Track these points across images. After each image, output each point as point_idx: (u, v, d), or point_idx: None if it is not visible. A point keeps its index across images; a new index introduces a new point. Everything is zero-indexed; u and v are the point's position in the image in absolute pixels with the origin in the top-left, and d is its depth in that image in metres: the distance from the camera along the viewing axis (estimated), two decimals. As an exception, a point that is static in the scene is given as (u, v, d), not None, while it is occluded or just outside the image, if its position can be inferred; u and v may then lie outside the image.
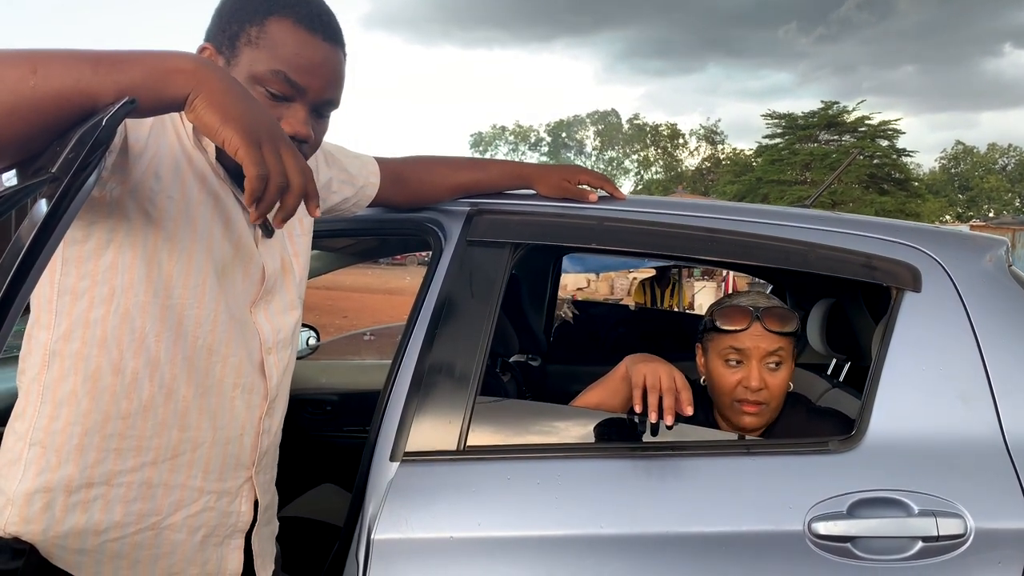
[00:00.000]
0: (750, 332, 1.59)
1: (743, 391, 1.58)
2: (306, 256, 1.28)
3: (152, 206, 1.03)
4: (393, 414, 1.45)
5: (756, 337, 1.58)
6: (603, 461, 1.40)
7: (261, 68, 1.04)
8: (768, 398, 1.58)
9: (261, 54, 1.05)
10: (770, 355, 1.58)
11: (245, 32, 1.06)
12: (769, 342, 1.58)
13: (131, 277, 1.03)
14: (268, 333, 1.19)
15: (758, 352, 1.58)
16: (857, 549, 1.28)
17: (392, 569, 1.30)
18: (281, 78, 1.05)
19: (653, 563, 1.30)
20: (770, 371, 1.59)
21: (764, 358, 1.58)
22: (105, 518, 1.06)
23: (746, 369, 1.58)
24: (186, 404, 1.09)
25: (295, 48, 1.06)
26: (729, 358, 1.60)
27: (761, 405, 1.58)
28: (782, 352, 1.59)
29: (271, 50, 1.05)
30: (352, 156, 1.47)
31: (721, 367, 1.61)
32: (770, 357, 1.58)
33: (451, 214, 1.61)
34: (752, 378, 1.57)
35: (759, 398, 1.57)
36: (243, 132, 0.85)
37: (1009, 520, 1.28)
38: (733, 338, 1.60)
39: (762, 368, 1.58)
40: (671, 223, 1.57)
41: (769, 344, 1.58)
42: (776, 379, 1.59)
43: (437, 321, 1.50)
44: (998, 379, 1.38)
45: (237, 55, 1.06)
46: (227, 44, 1.07)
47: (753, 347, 1.58)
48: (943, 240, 1.53)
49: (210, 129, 0.85)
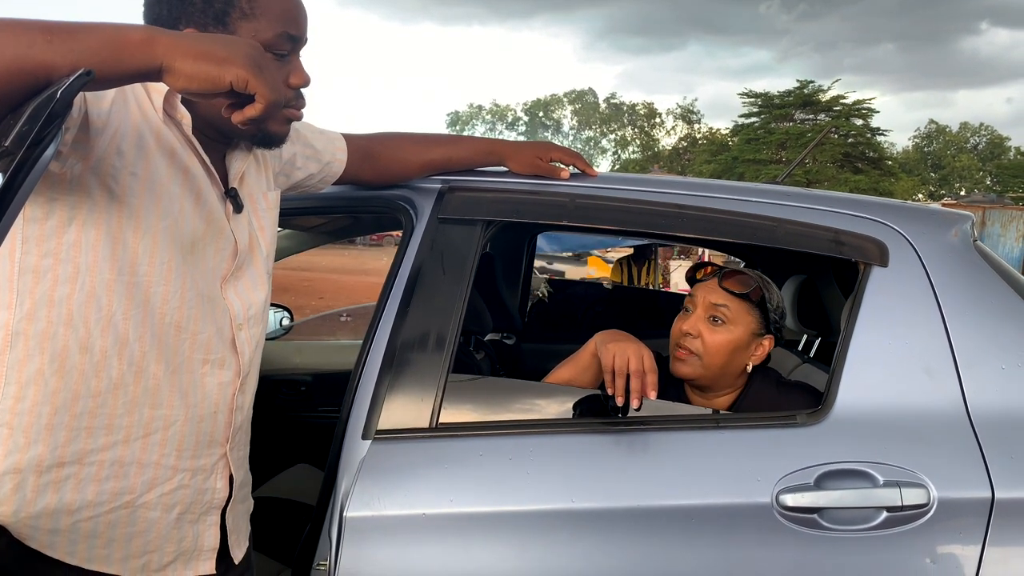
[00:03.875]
0: (705, 284, 1.67)
1: (679, 335, 1.65)
2: (272, 231, 1.27)
3: (115, 183, 1.02)
4: (365, 392, 1.44)
5: (708, 289, 1.66)
6: (575, 436, 1.41)
7: (268, 35, 1.07)
8: (699, 350, 1.62)
9: (262, 22, 1.07)
10: (714, 307, 1.63)
11: (235, 6, 1.06)
12: (717, 296, 1.64)
13: (96, 255, 1.02)
14: (239, 309, 1.18)
15: (704, 302, 1.64)
16: (824, 520, 1.30)
17: (365, 546, 1.31)
18: (285, 38, 1.09)
19: (625, 536, 1.31)
20: (711, 325, 1.63)
21: (708, 309, 1.64)
22: (78, 497, 1.05)
23: (691, 317, 1.65)
24: (156, 382, 1.09)
25: (285, 5, 1.09)
26: (685, 306, 1.68)
27: (692, 355, 1.63)
28: (726, 311, 1.63)
29: (269, 15, 1.07)
30: (318, 132, 1.46)
31: (678, 317, 1.69)
32: (714, 310, 1.63)
33: (422, 191, 1.60)
34: (687, 322, 1.64)
35: (690, 345, 1.63)
36: (244, 65, 0.86)
37: (971, 490, 1.31)
38: (694, 288, 1.69)
39: (704, 319, 1.64)
40: (642, 200, 1.58)
41: (716, 298, 1.63)
42: (713, 336, 1.62)
43: (409, 299, 1.49)
44: (962, 352, 1.40)
45: (233, 31, 1.06)
46: (214, 21, 1.06)
47: (701, 297, 1.65)
48: (910, 215, 1.55)
49: (209, 78, 0.85)
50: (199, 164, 1.12)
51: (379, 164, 1.55)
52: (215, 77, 0.85)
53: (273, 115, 0.92)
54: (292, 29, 1.09)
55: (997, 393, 1.38)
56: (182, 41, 0.86)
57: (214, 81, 0.86)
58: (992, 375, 1.39)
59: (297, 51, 1.13)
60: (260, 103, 0.89)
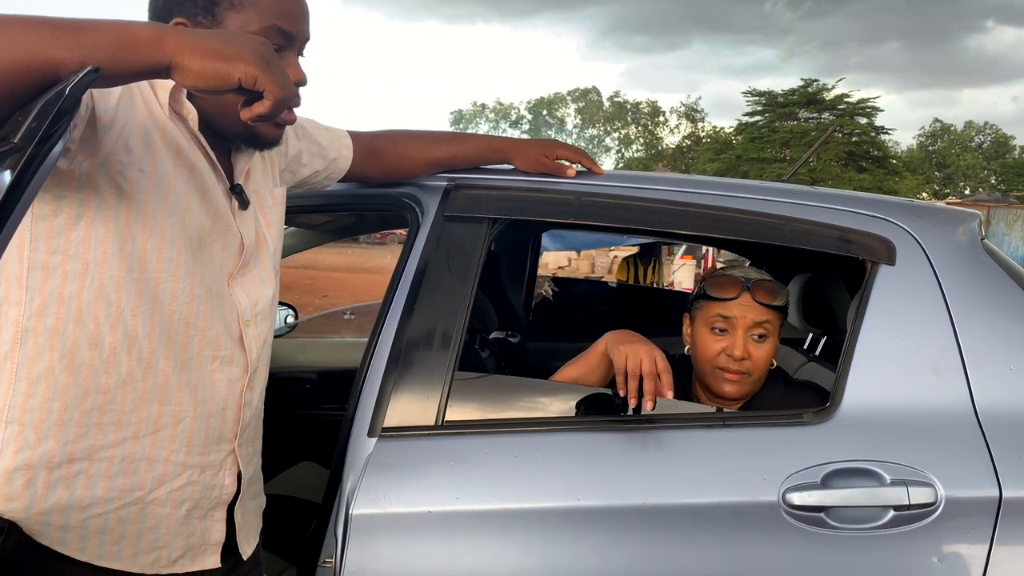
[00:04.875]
0: (739, 302, 1.59)
1: (726, 359, 1.59)
2: (278, 228, 1.27)
3: (123, 179, 1.02)
4: (371, 390, 1.44)
5: (744, 307, 1.59)
6: (580, 434, 1.41)
7: (255, 27, 1.06)
8: (750, 368, 1.59)
9: (249, 14, 1.06)
10: (756, 326, 1.59)
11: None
12: (757, 313, 1.59)
13: (104, 251, 1.02)
14: (246, 305, 1.18)
15: (744, 322, 1.59)
16: (830, 519, 1.30)
17: (370, 543, 1.31)
18: (275, 31, 1.08)
19: (630, 535, 1.31)
20: (755, 343, 1.60)
21: (750, 328, 1.59)
22: (88, 494, 1.05)
23: (731, 338, 1.59)
24: (166, 378, 1.09)
25: None
26: (715, 326, 1.61)
27: (742, 375, 1.59)
28: (768, 325, 1.60)
29: (259, 7, 1.07)
30: (324, 129, 1.46)
31: (707, 335, 1.62)
32: (756, 328, 1.59)
33: (428, 189, 1.60)
34: (736, 347, 1.58)
35: (741, 368, 1.58)
36: (253, 62, 0.87)
37: (978, 489, 1.30)
38: (722, 306, 1.60)
39: (747, 338, 1.59)
40: (649, 198, 1.57)
41: (757, 315, 1.59)
42: (760, 351, 1.60)
43: (415, 297, 1.49)
44: (970, 351, 1.39)
45: (221, 22, 1.06)
46: (203, 12, 1.06)
47: (740, 316, 1.59)
48: (917, 214, 1.54)
49: (218, 75, 0.86)
50: (205, 161, 1.12)
51: (384, 161, 1.55)
52: (224, 74, 0.86)
53: (281, 111, 0.92)
54: (284, 24, 1.08)
55: (1005, 392, 1.37)
56: (191, 38, 0.86)
57: (223, 78, 0.86)
58: (1000, 374, 1.38)
59: (293, 47, 1.11)
60: (268, 100, 0.89)
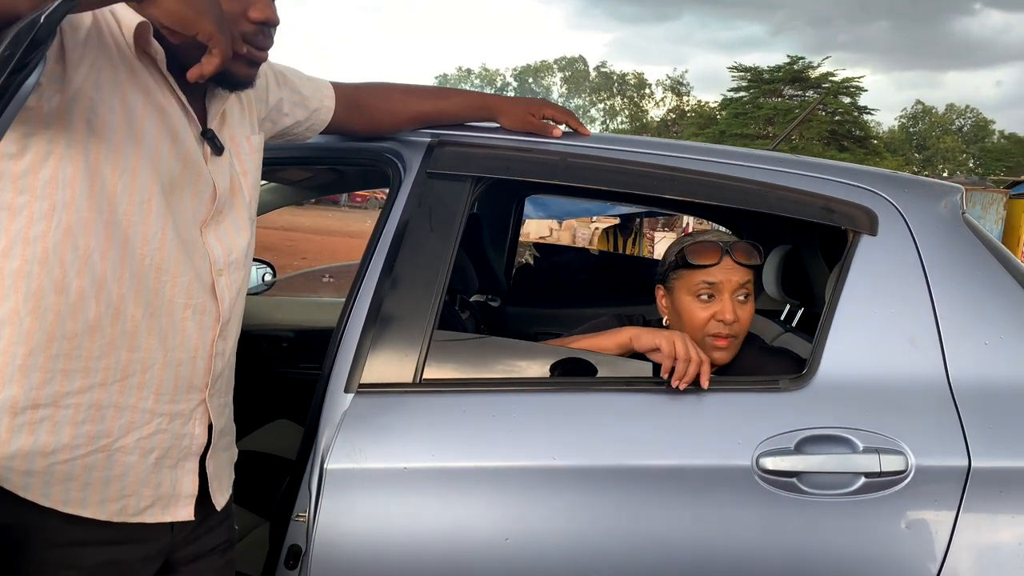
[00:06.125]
0: (721, 266, 1.59)
1: (716, 325, 1.59)
2: (255, 176, 1.25)
3: (94, 116, 0.99)
4: (349, 345, 1.43)
5: (727, 270, 1.59)
6: (558, 395, 1.41)
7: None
8: (739, 331, 1.61)
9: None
10: (740, 287, 1.60)
11: None
12: (740, 275, 1.60)
13: (73, 192, 0.99)
14: (219, 254, 1.16)
15: (730, 285, 1.59)
16: (802, 484, 1.31)
17: (345, 498, 1.30)
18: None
19: (605, 494, 1.32)
20: (740, 304, 1.61)
21: (735, 291, 1.60)
22: (53, 440, 1.03)
23: (719, 303, 1.59)
24: (135, 324, 1.06)
25: None
26: (701, 293, 1.61)
27: (732, 338, 1.60)
28: (750, 285, 1.62)
29: None
30: (306, 79, 1.43)
31: (693, 303, 1.62)
32: (740, 290, 1.60)
33: (411, 145, 1.58)
34: (726, 311, 1.58)
35: (732, 331, 1.59)
36: (215, 23, 0.95)
37: (948, 458, 1.32)
38: (705, 273, 1.60)
39: (734, 301, 1.60)
40: (635, 161, 1.56)
41: (740, 277, 1.60)
42: (745, 312, 1.61)
43: (395, 254, 1.47)
44: (946, 323, 1.41)
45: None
46: None
47: (725, 280, 1.59)
48: (901, 185, 1.54)
49: (187, 20, 0.92)
50: (176, 103, 1.09)
51: (367, 114, 1.52)
52: (191, 21, 0.93)
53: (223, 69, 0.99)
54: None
55: (979, 365, 1.39)
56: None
57: (190, 24, 0.93)
58: (975, 347, 1.40)
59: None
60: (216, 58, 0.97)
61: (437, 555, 1.30)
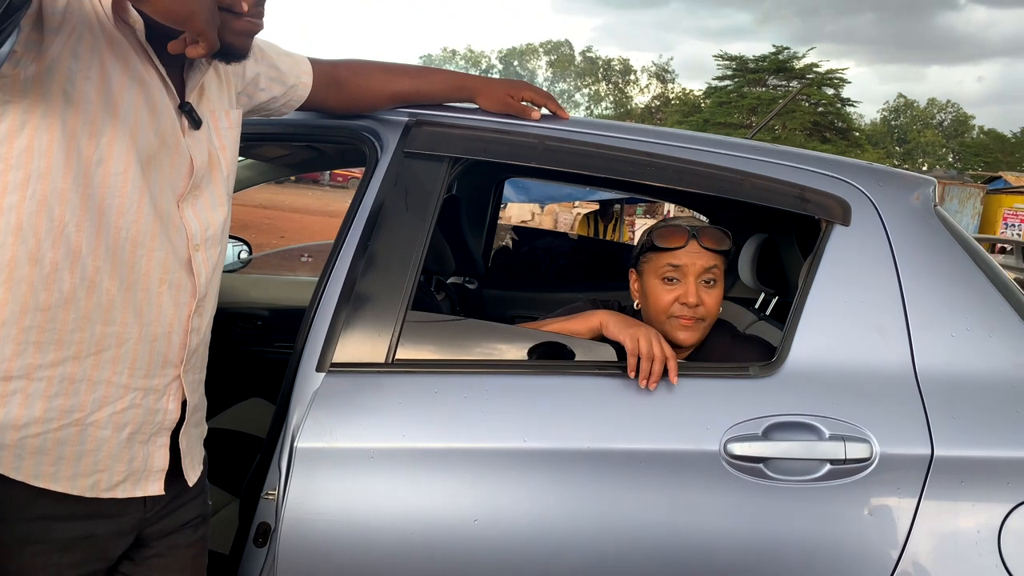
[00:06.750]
0: (687, 250, 1.61)
1: (680, 307, 1.61)
2: (233, 151, 1.23)
3: (71, 86, 0.98)
4: (321, 325, 1.42)
5: (693, 254, 1.61)
6: (529, 377, 1.41)
7: None
8: (704, 314, 1.62)
9: None
10: (705, 272, 1.61)
11: None
12: (705, 259, 1.61)
13: (48, 162, 0.98)
14: (196, 229, 1.15)
15: (695, 269, 1.61)
16: (769, 470, 1.33)
17: (314, 477, 1.30)
18: None
19: (574, 476, 1.33)
20: (705, 288, 1.62)
21: (700, 275, 1.61)
22: (25, 413, 1.02)
23: (683, 286, 1.61)
24: (110, 298, 1.05)
25: None
26: (667, 276, 1.62)
27: (696, 320, 1.61)
28: (716, 270, 1.62)
29: None
30: (284, 54, 1.41)
31: (659, 286, 1.63)
32: (705, 274, 1.61)
33: (388, 123, 1.56)
34: (689, 294, 1.60)
35: (696, 314, 1.61)
36: (206, 23, 0.96)
37: (911, 447, 1.34)
38: (671, 256, 1.62)
39: (698, 284, 1.61)
40: (613, 146, 1.56)
41: (705, 261, 1.61)
42: (711, 297, 1.62)
43: (370, 233, 1.47)
44: (915, 314, 1.42)
45: None
46: None
47: (690, 263, 1.61)
48: (874, 176, 1.55)
49: (176, 18, 0.94)
50: (155, 75, 1.07)
51: (345, 91, 1.50)
52: (183, 19, 0.94)
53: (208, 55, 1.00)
54: None
55: (945, 355, 1.41)
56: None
57: (180, 22, 0.94)
58: (942, 338, 1.42)
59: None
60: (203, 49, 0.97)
61: (405, 535, 1.31)
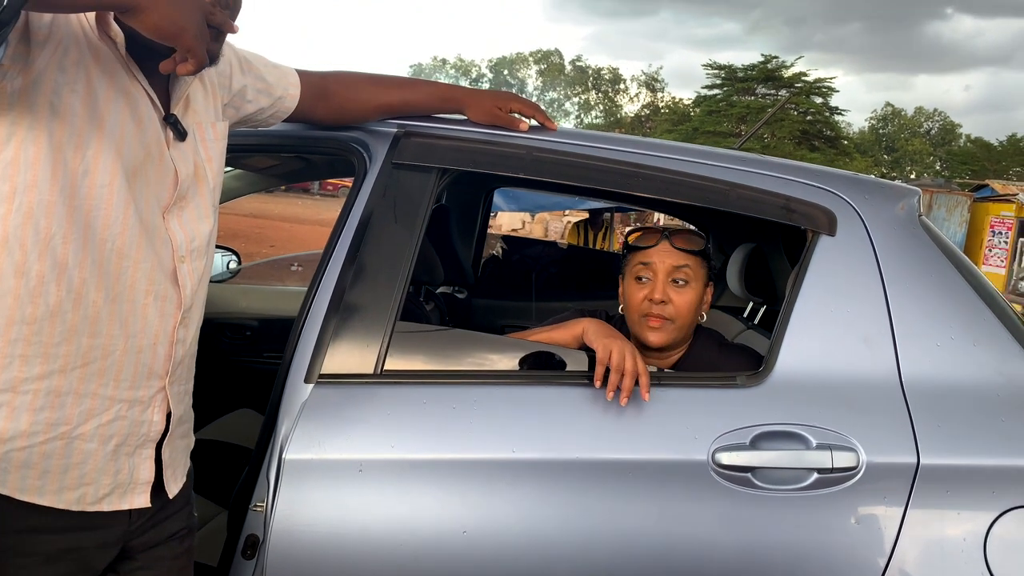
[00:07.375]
0: (657, 249, 1.64)
1: (648, 305, 1.63)
2: (220, 163, 1.24)
3: (57, 98, 0.98)
4: (309, 336, 1.42)
5: (663, 253, 1.64)
6: (518, 388, 1.42)
7: None
8: (673, 315, 1.63)
9: None
10: (675, 271, 1.63)
11: None
12: (675, 259, 1.63)
13: (34, 175, 0.98)
14: (181, 240, 1.15)
15: (664, 267, 1.63)
16: (756, 479, 1.33)
17: (303, 488, 1.30)
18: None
19: (563, 487, 1.33)
20: (675, 288, 1.63)
21: (669, 273, 1.63)
22: (10, 426, 1.02)
23: (652, 284, 1.64)
24: (96, 310, 1.05)
25: None
26: (639, 275, 1.66)
27: (665, 320, 1.63)
28: (687, 271, 1.64)
29: None
30: (271, 66, 1.42)
31: (632, 285, 1.67)
32: (675, 273, 1.63)
33: (377, 135, 1.57)
34: (656, 290, 1.62)
35: (663, 312, 1.62)
36: (196, 39, 0.96)
37: (898, 455, 1.35)
38: (643, 254, 1.65)
39: (667, 283, 1.63)
40: (600, 157, 1.57)
41: (675, 260, 1.63)
42: (681, 298, 1.63)
43: (358, 244, 1.47)
44: (900, 324, 1.44)
45: None
46: None
47: (659, 262, 1.63)
48: (859, 187, 1.57)
49: (166, 35, 0.94)
50: (140, 87, 1.08)
51: (333, 103, 1.51)
52: (172, 37, 0.94)
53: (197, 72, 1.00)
54: None
55: (930, 365, 1.42)
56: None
57: (169, 39, 0.94)
58: (927, 348, 1.43)
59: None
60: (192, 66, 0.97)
61: (394, 547, 1.31)
